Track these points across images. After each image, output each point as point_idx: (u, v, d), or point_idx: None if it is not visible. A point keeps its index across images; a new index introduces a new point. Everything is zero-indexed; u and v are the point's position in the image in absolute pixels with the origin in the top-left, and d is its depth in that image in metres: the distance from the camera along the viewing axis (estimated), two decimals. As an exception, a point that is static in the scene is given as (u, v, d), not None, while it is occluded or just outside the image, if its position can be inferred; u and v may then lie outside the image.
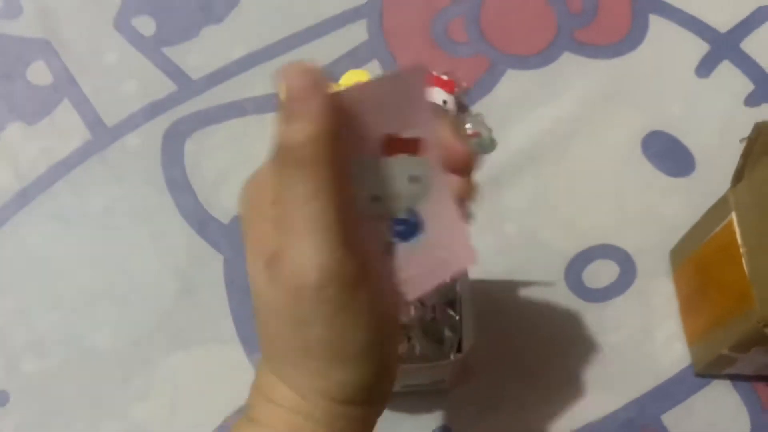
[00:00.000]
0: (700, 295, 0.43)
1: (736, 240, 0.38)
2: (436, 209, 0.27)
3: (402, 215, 0.27)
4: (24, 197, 0.50)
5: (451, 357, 0.37)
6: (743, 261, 0.37)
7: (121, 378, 0.45)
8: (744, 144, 0.38)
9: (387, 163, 0.26)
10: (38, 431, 0.44)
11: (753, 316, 0.36)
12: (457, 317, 0.38)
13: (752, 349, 0.38)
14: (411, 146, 0.27)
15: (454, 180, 0.27)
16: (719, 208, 0.40)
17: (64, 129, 0.52)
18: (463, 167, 0.27)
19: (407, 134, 0.26)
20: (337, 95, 0.24)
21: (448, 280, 0.30)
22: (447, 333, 0.38)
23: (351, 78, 0.50)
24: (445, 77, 0.49)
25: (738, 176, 0.39)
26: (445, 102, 0.48)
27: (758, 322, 0.35)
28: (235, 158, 0.51)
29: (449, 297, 0.39)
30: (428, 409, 0.43)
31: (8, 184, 0.51)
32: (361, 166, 0.26)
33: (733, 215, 0.38)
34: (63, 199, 0.50)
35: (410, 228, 0.27)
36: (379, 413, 0.28)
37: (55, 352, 0.46)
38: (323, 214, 0.23)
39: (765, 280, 0.36)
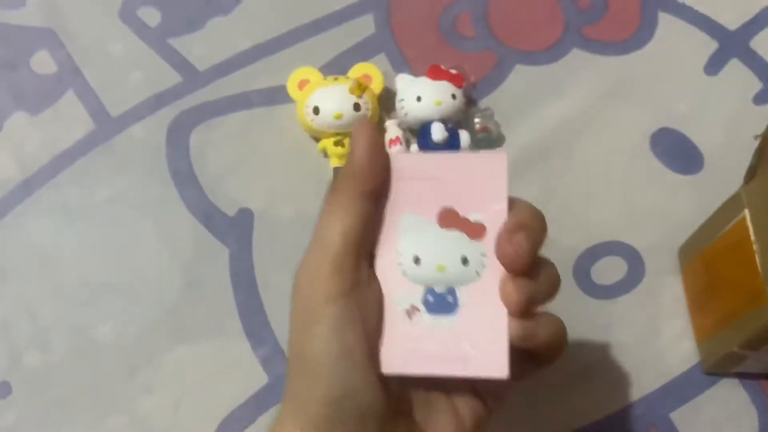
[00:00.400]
0: (710, 292, 0.42)
1: (748, 237, 0.38)
2: (478, 300, 0.26)
3: (439, 290, 0.27)
4: (27, 188, 0.50)
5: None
6: (756, 258, 0.37)
7: (125, 371, 0.45)
8: (758, 141, 0.38)
9: (440, 232, 0.27)
10: (41, 424, 0.44)
11: (765, 313, 0.36)
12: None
13: (763, 347, 0.38)
14: (471, 229, 0.27)
15: (513, 285, 0.26)
16: (731, 206, 0.40)
17: (69, 119, 0.52)
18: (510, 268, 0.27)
19: (472, 216, 0.27)
20: (414, 157, 0.27)
21: (462, 377, 0.27)
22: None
23: (359, 70, 0.49)
24: (453, 71, 0.49)
25: (751, 173, 0.39)
26: (453, 96, 0.47)
27: (771, 320, 0.35)
28: (241, 150, 0.50)
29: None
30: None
31: (12, 175, 0.50)
32: (412, 223, 0.27)
33: (746, 212, 0.38)
34: (67, 190, 0.50)
35: (442, 304, 0.27)
36: None
37: (58, 345, 0.45)
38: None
39: (777, 278, 0.36)
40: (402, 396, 0.29)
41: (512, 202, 0.28)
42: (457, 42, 0.54)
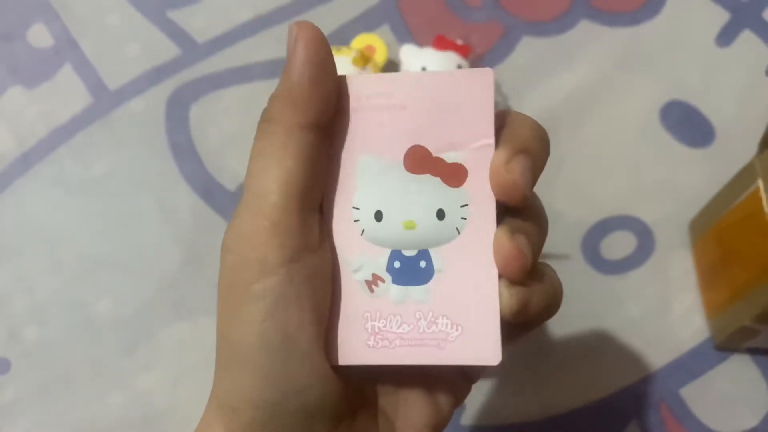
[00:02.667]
0: (722, 266, 0.41)
1: (762, 209, 0.36)
2: (459, 265, 0.21)
3: (408, 253, 0.21)
4: (25, 162, 0.49)
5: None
6: (771, 229, 0.36)
7: (124, 348, 0.44)
8: (773, 108, 0.37)
9: (408, 178, 0.21)
10: (40, 399, 0.43)
11: (780, 285, 0.35)
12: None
13: (776, 321, 0.37)
14: (448, 173, 0.21)
15: (509, 237, 0.21)
16: (743, 177, 0.39)
17: (66, 93, 0.51)
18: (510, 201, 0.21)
19: (448, 155, 0.21)
20: (374, 79, 0.21)
21: (442, 365, 0.21)
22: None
23: (363, 41, 0.48)
24: (459, 42, 0.48)
25: (765, 143, 0.38)
26: (460, 66, 0.46)
27: (786, 292, 0.34)
28: (242, 124, 0.49)
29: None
30: (440, 380, 0.42)
31: (8, 149, 0.49)
32: (372, 169, 0.21)
33: (760, 183, 0.37)
34: (65, 165, 0.49)
35: (413, 271, 0.21)
36: None
37: (56, 320, 0.45)
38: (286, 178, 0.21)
39: (793, 249, 0.35)
40: (364, 387, 0.24)
41: (505, 116, 0.22)
42: (464, 13, 0.52)
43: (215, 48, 0.52)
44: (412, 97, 0.21)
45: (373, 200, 0.21)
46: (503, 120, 0.22)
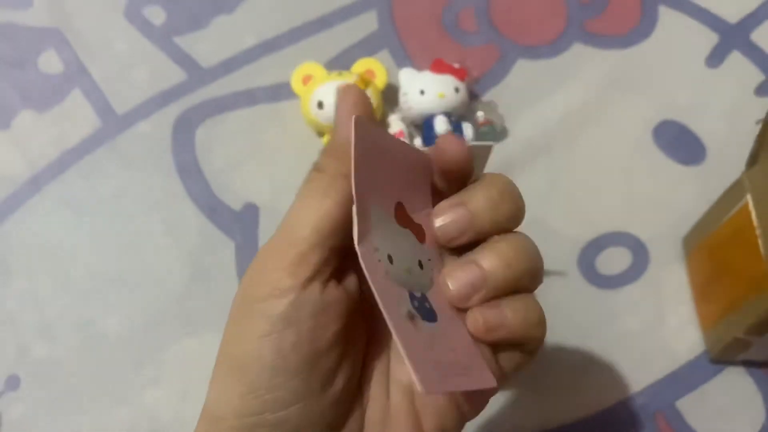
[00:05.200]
0: (715, 280, 0.43)
1: (751, 223, 0.38)
2: (442, 308, 0.23)
3: (417, 294, 0.23)
4: (35, 184, 0.50)
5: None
6: (759, 243, 0.37)
7: (132, 364, 0.45)
8: (759, 127, 0.38)
9: (398, 229, 0.23)
10: (49, 416, 0.44)
11: (769, 297, 0.36)
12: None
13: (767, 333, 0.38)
14: (416, 230, 0.24)
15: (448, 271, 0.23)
16: (733, 192, 0.40)
17: (75, 117, 0.52)
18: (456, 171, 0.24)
19: (414, 216, 0.24)
20: (377, 132, 0.22)
21: (463, 390, 0.23)
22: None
23: (363, 66, 0.50)
24: (456, 65, 0.49)
25: (753, 159, 0.39)
26: (457, 89, 0.48)
27: (775, 303, 0.35)
28: (246, 146, 0.51)
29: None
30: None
31: (19, 172, 0.51)
32: (379, 215, 0.23)
33: (749, 198, 0.38)
34: (74, 186, 0.50)
35: (425, 310, 0.23)
36: None
37: (65, 338, 0.46)
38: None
39: (781, 262, 0.36)
40: (350, 410, 0.24)
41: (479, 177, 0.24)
42: (460, 37, 0.54)
43: (220, 73, 0.54)
44: (396, 156, 0.23)
45: (385, 244, 0.23)
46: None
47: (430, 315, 0.23)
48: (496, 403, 0.43)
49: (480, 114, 0.50)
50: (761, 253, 0.37)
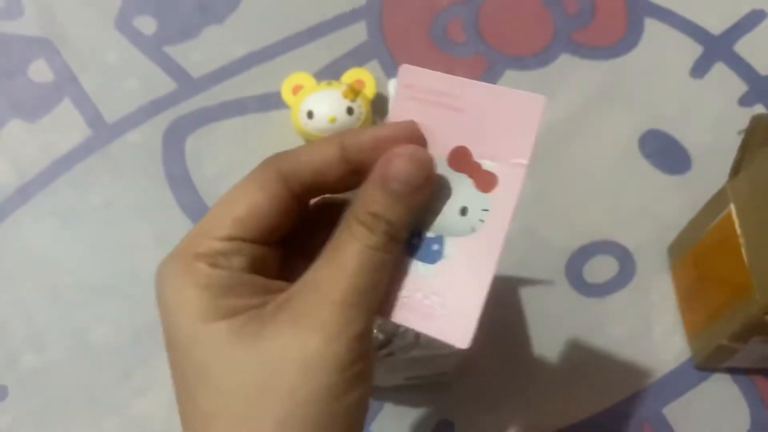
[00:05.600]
0: (699, 288, 0.43)
1: (735, 231, 0.38)
2: (465, 259, 0.23)
3: (428, 234, 0.23)
4: (24, 193, 0.50)
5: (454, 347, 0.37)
6: (743, 251, 0.37)
7: (120, 373, 0.45)
8: (742, 136, 0.39)
9: (447, 173, 0.23)
10: (37, 426, 0.44)
11: (752, 305, 0.36)
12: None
13: (751, 339, 0.38)
14: (482, 178, 0.23)
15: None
16: (717, 201, 0.41)
17: (65, 126, 0.53)
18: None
19: (485, 163, 0.23)
20: (438, 77, 0.23)
21: (420, 332, 0.24)
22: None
23: (353, 76, 0.50)
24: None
25: (736, 168, 0.40)
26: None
27: (758, 310, 0.36)
28: (236, 155, 0.51)
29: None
30: (431, 403, 0.43)
31: (9, 181, 0.51)
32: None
33: (732, 207, 0.39)
34: (63, 195, 0.50)
35: (426, 251, 0.23)
36: None
37: (54, 348, 0.46)
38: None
39: (764, 270, 0.36)
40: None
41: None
42: (449, 48, 0.55)
43: (210, 82, 0.54)
44: (470, 103, 0.23)
45: None
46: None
47: (430, 256, 0.23)
48: (481, 410, 0.43)
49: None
50: (744, 261, 0.37)
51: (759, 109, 0.52)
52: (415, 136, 0.23)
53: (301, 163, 0.23)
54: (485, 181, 0.23)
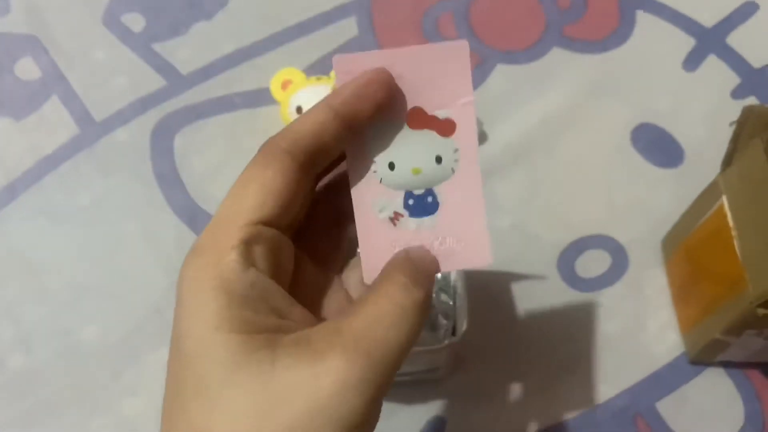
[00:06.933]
0: (693, 281, 0.43)
1: (727, 224, 0.38)
2: (456, 196, 0.26)
3: (418, 192, 0.26)
4: (11, 192, 0.50)
5: (446, 342, 0.37)
6: (735, 243, 0.37)
7: (110, 373, 0.44)
8: (733, 128, 0.39)
9: (411, 134, 0.26)
10: (26, 427, 0.43)
11: (745, 298, 0.36)
12: (451, 303, 0.38)
13: (744, 333, 0.38)
14: (441, 127, 0.26)
15: None
16: (709, 194, 0.41)
17: (53, 124, 0.52)
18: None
19: (439, 113, 0.26)
20: (369, 56, 0.25)
21: (452, 272, 0.28)
22: (441, 320, 0.38)
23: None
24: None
25: (728, 161, 0.39)
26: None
27: (751, 303, 0.35)
28: (225, 152, 0.51)
29: (443, 284, 0.39)
30: (423, 399, 0.43)
31: (-5, 179, 0.50)
32: (382, 130, 0.26)
33: (724, 199, 0.38)
34: (51, 194, 0.50)
35: (423, 206, 0.26)
36: None
37: (42, 348, 0.45)
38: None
39: (757, 263, 0.36)
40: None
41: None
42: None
43: (199, 79, 0.53)
44: (406, 68, 0.25)
45: (386, 154, 0.26)
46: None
47: (429, 208, 0.26)
48: (474, 407, 0.43)
49: (459, 118, 0.50)
50: (737, 254, 0.37)
51: (752, 101, 0.52)
52: (386, 79, 0.25)
53: (299, 133, 0.24)
54: (445, 128, 0.26)
